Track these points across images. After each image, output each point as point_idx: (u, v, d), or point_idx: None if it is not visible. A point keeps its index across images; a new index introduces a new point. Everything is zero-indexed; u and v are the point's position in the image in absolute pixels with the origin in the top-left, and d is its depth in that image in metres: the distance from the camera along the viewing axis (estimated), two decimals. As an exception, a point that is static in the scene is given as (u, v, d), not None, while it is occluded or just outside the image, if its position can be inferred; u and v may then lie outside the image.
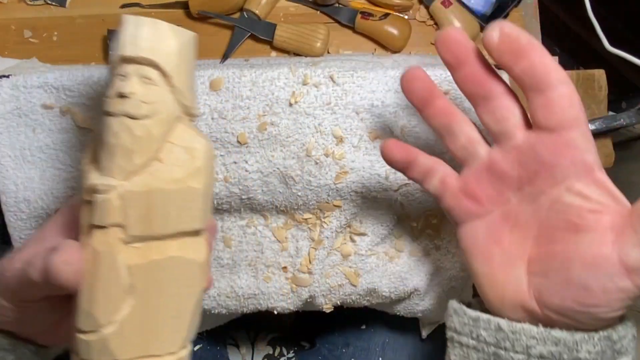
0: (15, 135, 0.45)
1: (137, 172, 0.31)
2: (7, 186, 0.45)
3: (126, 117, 0.30)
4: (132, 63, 0.31)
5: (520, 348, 0.33)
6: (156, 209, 0.31)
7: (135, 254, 0.31)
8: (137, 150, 0.31)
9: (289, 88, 0.46)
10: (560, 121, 0.32)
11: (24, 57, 0.54)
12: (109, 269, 0.31)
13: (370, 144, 0.46)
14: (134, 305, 0.31)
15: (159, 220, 0.31)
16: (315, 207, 0.48)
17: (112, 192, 0.30)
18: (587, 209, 0.32)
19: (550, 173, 0.33)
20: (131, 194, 0.31)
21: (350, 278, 0.50)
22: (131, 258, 0.31)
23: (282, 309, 0.52)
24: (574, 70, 0.52)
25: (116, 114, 0.30)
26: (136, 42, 0.30)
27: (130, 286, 0.31)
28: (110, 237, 0.31)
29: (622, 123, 0.50)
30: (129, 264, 0.31)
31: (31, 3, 0.55)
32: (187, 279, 0.33)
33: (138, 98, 0.30)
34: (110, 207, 0.30)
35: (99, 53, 0.56)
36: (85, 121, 0.45)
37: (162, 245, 0.32)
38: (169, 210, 0.32)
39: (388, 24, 0.55)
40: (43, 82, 0.45)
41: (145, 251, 0.31)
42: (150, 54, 0.31)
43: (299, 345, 0.75)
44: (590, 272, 0.31)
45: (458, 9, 0.56)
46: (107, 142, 0.31)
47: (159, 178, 0.31)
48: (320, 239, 0.49)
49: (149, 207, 0.31)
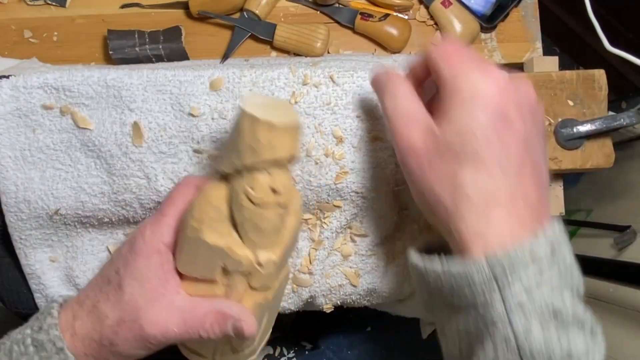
0: (15, 136, 0.45)
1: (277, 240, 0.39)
2: (7, 187, 0.45)
3: (278, 208, 0.37)
4: (270, 162, 0.36)
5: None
6: (285, 258, 0.41)
7: (272, 289, 0.41)
8: (281, 229, 0.38)
9: (289, 88, 0.46)
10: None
11: (24, 57, 0.54)
12: (264, 310, 0.41)
13: (370, 144, 0.46)
14: (267, 318, 0.43)
15: (285, 263, 0.42)
16: (315, 207, 0.48)
17: (272, 265, 0.38)
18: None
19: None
20: (279, 259, 0.39)
21: (351, 278, 0.50)
22: (270, 294, 0.41)
23: (282, 309, 0.52)
24: (574, 70, 0.52)
25: (270, 206, 0.37)
26: (277, 146, 0.35)
27: (268, 308, 0.42)
28: (260, 296, 0.40)
29: (622, 123, 0.50)
30: (269, 298, 0.41)
31: (31, 3, 0.55)
32: (285, 285, 0.45)
33: (285, 191, 0.37)
34: (271, 276, 0.39)
35: (99, 53, 0.56)
36: (85, 121, 0.45)
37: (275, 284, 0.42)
38: (290, 252, 0.42)
39: (388, 25, 0.55)
40: (43, 83, 0.45)
41: (274, 282, 0.41)
42: (289, 152, 0.36)
43: (299, 345, 0.75)
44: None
45: (458, 9, 0.56)
46: (260, 226, 0.37)
47: (286, 236, 0.40)
48: (320, 240, 0.49)
49: (284, 259, 0.40)
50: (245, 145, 0.35)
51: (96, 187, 0.46)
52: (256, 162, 0.35)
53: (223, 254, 0.37)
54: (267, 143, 0.35)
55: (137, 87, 0.45)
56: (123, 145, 0.45)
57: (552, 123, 0.52)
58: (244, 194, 0.36)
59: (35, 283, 0.49)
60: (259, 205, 0.36)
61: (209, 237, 0.37)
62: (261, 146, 0.35)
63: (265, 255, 0.38)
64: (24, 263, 0.49)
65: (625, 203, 1.13)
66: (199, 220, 0.37)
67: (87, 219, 0.47)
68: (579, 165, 0.52)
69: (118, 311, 0.38)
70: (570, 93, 0.52)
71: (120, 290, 0.38)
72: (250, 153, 0.35)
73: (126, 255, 0.40)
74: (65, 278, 0.50)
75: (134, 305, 0.38)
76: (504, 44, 0.58)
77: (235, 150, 0.36)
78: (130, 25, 0.55)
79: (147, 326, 0.38)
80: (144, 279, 0.38)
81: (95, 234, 0.49)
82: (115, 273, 0.39)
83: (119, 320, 0.38)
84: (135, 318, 0.38)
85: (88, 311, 0.39)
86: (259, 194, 0.36)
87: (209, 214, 0.37)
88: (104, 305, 0.39)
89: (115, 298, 0.38)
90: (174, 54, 0.54)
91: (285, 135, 0.36)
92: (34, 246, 0.48)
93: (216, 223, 0.37)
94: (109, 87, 0.45)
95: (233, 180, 0.37)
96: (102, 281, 0.40)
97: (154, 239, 0.39)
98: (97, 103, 0.45)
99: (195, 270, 0.39)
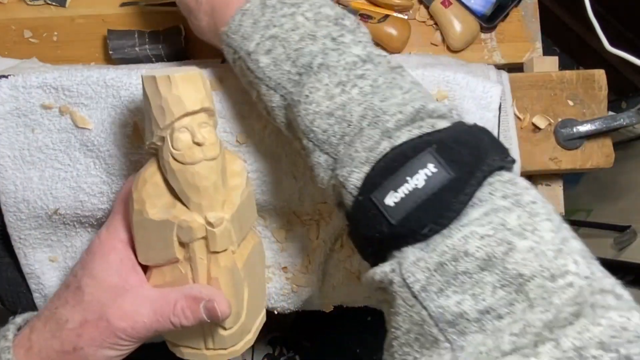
0: (15, 136, 0.45)
1: (225, 200, 0.38)
2: (7, 186, 0.45)
3: (208, 160, 0.36)
4: (188, 116, 0.36)
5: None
6: (241, 220, 0.40)
7: (239, 255, 0.40)
8: (222, 183, 0.38)
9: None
10: None
11: (24, 57, 0.54)
12: (237, 278, 0.40)
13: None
14: (248, 290, 0.41)
15: (244, 226, 0.41)
16: (314, 208, 0.48)
17: (225, 222, 0.37)
18: None
19: None
20: (231, 218, 0.38)
21: (351, 278, 0.50)
22: (239, 260, 0.40)
23: (282, 309, 0.52)
24: (574, 70, 0.52)
25: (198, 161, 0.36)
26: (183, 99, 0.35)
27: (244, 278, 0.40)
28: (228, 255, 0.39)
29: (622, 123, 0.50)
30: (240, 265, 0.40)
31: (31, 3, 0.55)
32: (261, 256, 0.45)
33: (209, 142, 0.36)
34: (227, 234, 0.38)
35: (99, 53, 0.56)
36: (84, 121, 0.45)
37: (246, 240, 0.42)
38: (247, 215, 0.41)
39: (387, 26, 0.55)
40: (42, 82, 0.45)
41: (242, 249, 0.41)
42: (200, 103, 0.36)
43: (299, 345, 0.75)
44: None
45: (458, 9, 0.55)
46: (197, 185, 0.36)
47: (235, 197, 0.39)
48: (320, 240, 0.49)
49: (239, 221, 0.39)
50: (155, 109, 0.35)
51: (95, 186, 0.46)
52: (170, 121, 0.35)
53: (172, 226, 0.37)
54: (173, 99, 0.35)
55: (136, 87, 0.45)
56: (122, 145, 0.45)
57: (552, 123, 0.52)
58: (171, 157, 0.36)
59: (34, 283, 0.49)
60: (189, 162, 0.36)
61: (153, 214, 0.37)
62: (169, 103, 0.35)
63: (213, 214, 0.37)
64: (24, 263, 0.49)
65: (625, 203, 1.13)
66: (140, 201, 0.37)
67: (86, 218, 0.47)
68: (579, 165, 0.52)
69: (80, 312, 0.37)
70: (570, 93, 0.52)
71: (79, 291, 0.38)
72: (161, 115, 0.35)
73: (83, 258, 0.39)
74: (64, 278, 0.50)
75: (97, 303, 0.37)
76: (504, 44, 0.58)
77: (149, 120, 0.36)
78: (130, 25, 0.55)
79: (115, 320, 0.37)
80: (103, 277, 0.38)
81: (95, 234, 0.49)
82: (74, 277, 0.39)
83: (82, 321, 0.37)
84: (101, 315, 0.37)
85: (45, 320, 0.38)
86: (183, 151, 0.36)
87: (147, 192, 0.37)
88: (63, 310, 0.38)
89: (74, 300, 0.37)
90: (174, 54, 0.54)
91: (188, 86, 0.36)
92: (33, 246, 0.48)
93: (156, 199, 0.37)
94: (108, 87, 0.45)
95: (158, 151, 0.37)
96: (60, 289, 0.39)
97: (109, 237, 0.39)
98: (96, 103, 0.45)
99: (155, 256, 0.38)
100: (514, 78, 0.52)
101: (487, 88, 0.47)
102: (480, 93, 0.47)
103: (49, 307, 0.39)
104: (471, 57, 0.58)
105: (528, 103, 0.52)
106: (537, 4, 0.58)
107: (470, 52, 0.58)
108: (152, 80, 0.35)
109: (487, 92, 0.47)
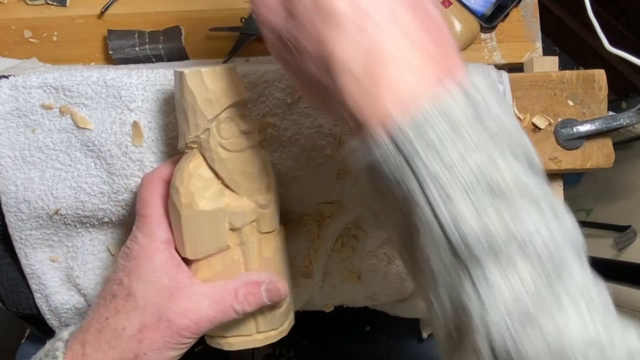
0: (15, 136, 0.45)
1: (268, 183, 0.40)
2: (7, 187, 0.45)
3: (253, 148, 0.39)
4: (233, 107, 0.38)
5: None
6: (278, 202, 0.42)
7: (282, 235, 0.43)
8: (264, 167, 0.40)
9: (289, 89, 0.46)
10: None
11: (24, 57, 0.54)
12: (285, 255, 0.43)
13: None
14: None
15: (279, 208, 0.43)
16: (315, 208, 0.48)
17: (272, 203, 0.40)
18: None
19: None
20: (275, 199, 0.41)
21: (351, 279, 0.50)
22: (281, 242, 0.43)
23: (282, 309, 0.52)
24: (574, 70, 0.52)
25: (245, 148, 0.38)
26: (229, 90, 0.37)
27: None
28: (275, 234, 0.41)
29: (622, 123, 0.50)
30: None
31: (31, 3, 0.55)
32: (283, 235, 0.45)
33: (252, 130, 0.39)
34: (275, 214, 0.41)
35: (99, 53, 0.56)
36: (85, 121, 0.45)
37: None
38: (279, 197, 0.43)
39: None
40: (42, 83, 0.45)
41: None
42: (243, 93, 0.38)
43: (299, 345, 0.75)
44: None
45: (458, 9, 0.55)
46: (246, 171, 0.38)
47: (273, 180, 0.41)
48: (320, 240, 0.49)
49: (277, 202, 0.42)
50: (202, 102, 0.37)
51: (96, 187, 0.46)
52: (219, 111, 0.37)
53: (225, 214, 0.38)
54: (220, 90, 0.37)
55: (136, 86, 0.45)
56: (123, 145, 0.45)
57: (552, 123, 0.52)
58: (220, 147, 0.37)
59: (35, 283, 0.49)
60: (237, 150, 0.38)
61: (203, 205, 0.38)
62: (217, 94, 0.37)
63: (263, 197, 0.39)
64: (24, 263, 0.49)
65: (625, 203, 1.13)
66: (188, 194, 0.37)
67: (87, 218, 0.47)
68: (579, 165, 0.52)
69: (136, 318, 0.36)
70: (570, 93, 0.52)
71: (130, 297, 0.37)
72: (209, 107, 0.37)
73: (126, 266, 0.38)
74: (65, 278, 0.50)
75: (153, 306, 0.36)
76: (504, 44, 0.58)
77: (193, 114, 0.37)
78: (130, 25, 0.55)
79: (177, 319, 0.36)
80: (153, 279, 0.37)
81: (96, 234, 0.49)
82: (119, 285, 0.38)
83: (141, 327, 0.36)
84: (160, 317, 0.36)
85: (97, 332, 0.37)
86: (231, 139, 0.38)
87: (195, 185, 0.38)
88: (116, 318, 0.37)
89: (128, 307, 0.37)
90: (174, 54, 0.54)
91: (231, 78, 0.38)
92: (34, 246, 0.48)
93: (204, 191, 0.38)
94: (108, 86, 0.45)
95: (202, 144, 0.38)
96: (105, 300, 0.38)
97: (150, 241, 0.38)
98: (97, 103, 0.45)
99: (205, 247, 0.39)
100: (514, 78, 0.52)
101: (487, 88, 0.47)
102: (480, 93, 0.47)
103: (97, 319, 0.38)
104: (471, 57, 0.58)
105: (528, 103, 0.52)
106: (537, 4, 0.58)
107: (470, 52, 0.58)
108: (197, 75, 0.37)
109: (487, 92, 0.47)
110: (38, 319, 0.52)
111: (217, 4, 0.57)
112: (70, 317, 0.51)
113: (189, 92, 0.37)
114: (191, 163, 0.38)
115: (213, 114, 0.37)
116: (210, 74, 0.37)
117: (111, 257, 0.50)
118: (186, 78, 0.37)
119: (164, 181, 0.40)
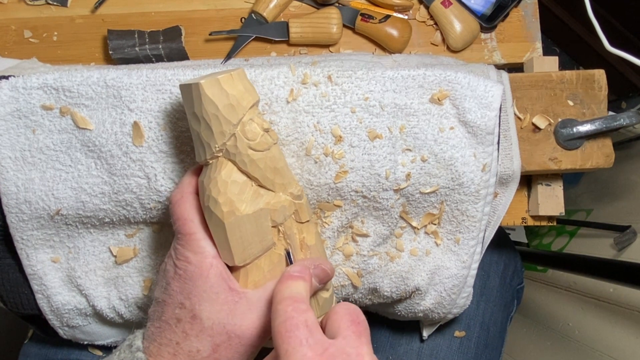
0: (16, 137, 0.45)
1: (293, 175, 0.41)
2: (8, 188, 0.45)
3: (275, 144, 0.40)
4: (252, 107, 0.38)
5: None
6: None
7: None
8: (288, 162, 0.42)
9: (289, 87, 0.46)
10: None
11: (24, 57, 0.54)
12: (321, 240, 0.44)
13: (370, 143, 0.46)
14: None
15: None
16: (315, 206, 0.48)
17: (303, 193, 0.41)
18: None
19: None
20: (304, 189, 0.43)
21: (352, 278, 0.50)
22: (316, 227, 0.44)
23: (282, 309, 0.52)
24: (574, 70, 0.52)
25: (271, 145, 0.39)
26: (247, 91, 0.38)
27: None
28: (311, 222, 0.42)
29: (622, 123, 0.50)
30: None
31: (31, 3, 0.55)
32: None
33: (270, 129, 0.39)
34: (308, 202, 0.43)
35: (99, 53, 0.56)
36: (85, 122, 0.45)
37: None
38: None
39: (388, 26, 0.55)
40: (42, 83, 0.45)
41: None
42: (257, 93, 0.39)
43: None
44: None
45: (458, 9, 0.56)
46: (276, 167, 0.39)
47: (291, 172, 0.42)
48: (321, 239, 0.49)
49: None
50: (224, 108, 0.37)
51: (97, 187, 0.46)
52: (242, 114, 0.38)
53: (266, 213, 0.39)
54: (239, 94, 0.37)
55: (136, 86, 0.45)
56: (123, 145, 0.45)
57: (552, 123, 0.52)
58: (250, 149, 0.38)
59: (36, 284, 0.49)
60: (265, 149, 0.39)
61: (246, 208, 0.38)
62: (237, 98, 0.37)
63: (295, 189, 0.41)
64: (26, 264, 0.49)
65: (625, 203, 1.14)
66: (229, 202, 0.38)
67: (88, 219, 0.47)
68: (579, 165, 0.52)
69: (207, 339, 0.37)
70: (570, 93, 0.52)
71: (196, 320, 0.37)
72: (232, 112, 0.37)
73: (183, 287, 0.38)
74: (66, 279, 0.50)
75: (219, 325, 0.37)
76: (504, 44, 0.58)
77: (217, 123, 0.37)
78: (130, 25, 0.55)
79: (245, 333, 0.37)
80: (213, 297, 0.37)
81: (97, 235, 0.49)
82: (181, 309, 0.38)
83: (214, 347, 0.37)
84: (229, 334, 0.37)
85: (172, 357, 0.37)
86: (258, 140, 0.38)
87: (232, 192, 0.38)
88: (187, 342, 0.37)
89: (196, 330, 0.37)
90: (174, 54, 0.54)
91: (245, 79, 0.38)
92: (35, 247, 0.48)
93: (242, 195, 0.38)
94: (108, 87, 0.45)
95: (229, 150, 0.38)
96: (169, 324, 0.38)
97: (202, 257, 0.38)
98: (97, 103, 0.45)
99: (254, 250, 0.39)
100: (514, 78, 0.52)
101: (489, 87, 0.47)
102: (481, 92, 0.47)
103: (166, 344, 0.38)
104: (471, 57, 0.58)
105: (528, 103, 0.52)
106: (537, 4, 0.58)
107: (470, 52, 0.58)
108: (215, 83, 0.36)
109: (489, 91, 0.47)
110: (39, 320, 0.52)
111: (217, 4, 0.57)
112: (72, 318, 0.52)
113: (209, 101, 0.36)
114: (223, 171, 0.38)
115: (237, 118, 0.37)
116: (228, 79, 0.37)
117: (112, 257, 0.50)
118: (204, 88, 0.36)
119: (194, 195, 0.40)
